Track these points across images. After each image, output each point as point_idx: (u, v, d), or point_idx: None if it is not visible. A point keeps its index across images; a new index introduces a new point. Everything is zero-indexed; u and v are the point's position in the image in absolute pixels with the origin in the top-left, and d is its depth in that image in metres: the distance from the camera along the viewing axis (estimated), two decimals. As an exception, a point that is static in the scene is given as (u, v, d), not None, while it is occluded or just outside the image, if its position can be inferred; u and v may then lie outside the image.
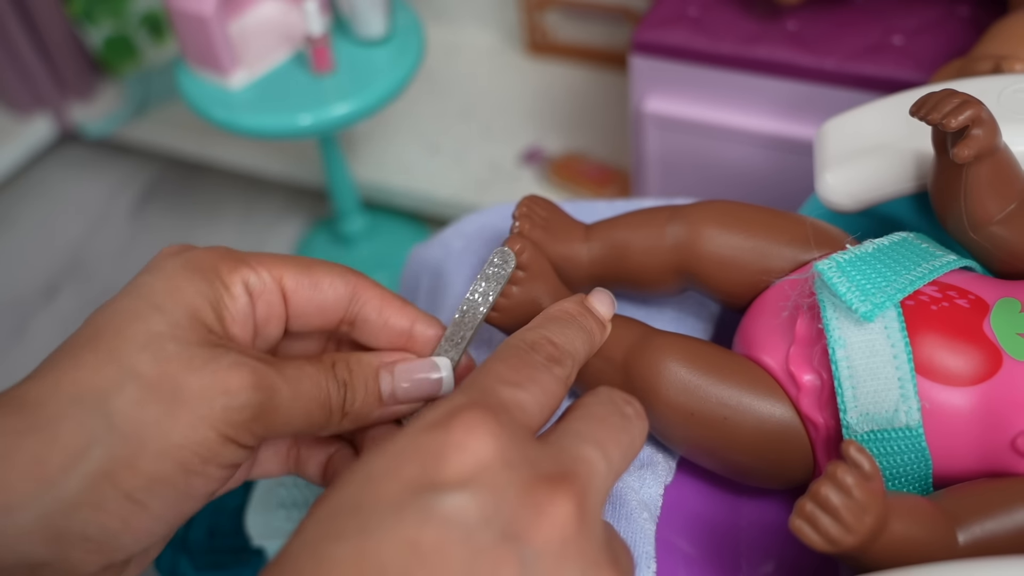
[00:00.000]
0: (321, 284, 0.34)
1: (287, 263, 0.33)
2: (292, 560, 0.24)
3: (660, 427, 0.37)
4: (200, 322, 0.30)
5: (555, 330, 0.31)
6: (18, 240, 1.43)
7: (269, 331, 0.33)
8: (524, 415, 0.27)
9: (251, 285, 0.32)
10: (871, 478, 0.28)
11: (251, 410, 0.29)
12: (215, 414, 0.28)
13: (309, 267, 0.34)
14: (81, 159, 1.54)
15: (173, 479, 0.28)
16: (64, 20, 1.39)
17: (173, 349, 0.29)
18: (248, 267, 0.32)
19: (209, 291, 0.31)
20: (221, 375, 0.29)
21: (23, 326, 1.30)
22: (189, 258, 0.31)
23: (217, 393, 0.28)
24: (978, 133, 0.32)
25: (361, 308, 0.35)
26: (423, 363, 0.35)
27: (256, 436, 0.30)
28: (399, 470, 0.24)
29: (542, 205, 0.41)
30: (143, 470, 0.28)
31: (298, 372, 0.31)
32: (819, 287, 0.35)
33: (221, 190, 1.46)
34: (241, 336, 0.32)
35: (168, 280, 0.30)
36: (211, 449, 0.28)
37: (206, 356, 0.29)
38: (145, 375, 0.28)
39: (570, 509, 0.24)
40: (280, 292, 0.33)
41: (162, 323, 0.29)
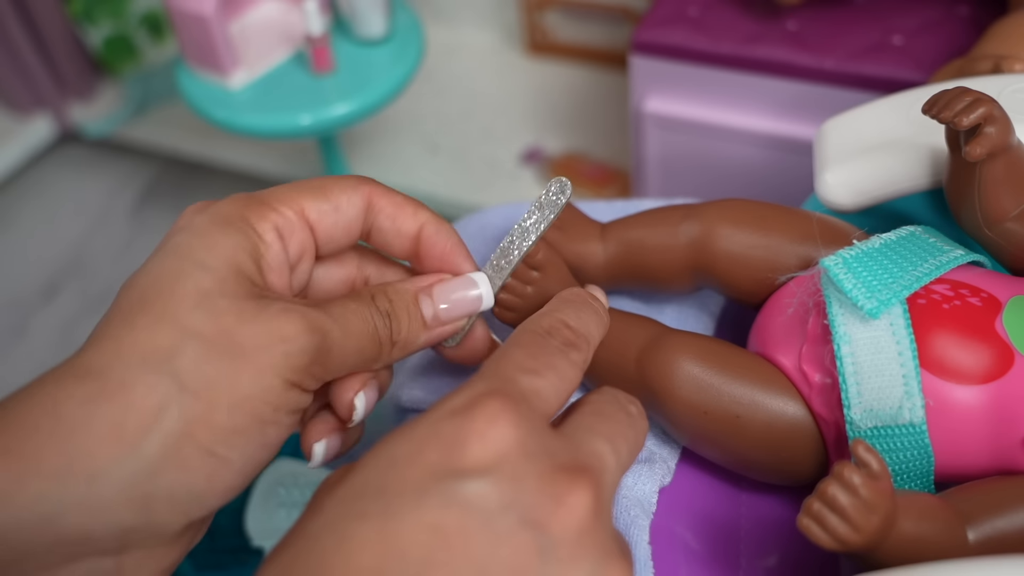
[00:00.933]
0: (340, 204, 0.34)
1: (304, 193, 0.33)
2: (313, 537, 0.24)
3: (673, 423, 0.37)
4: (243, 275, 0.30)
5: (570, 313, 0.32)
6: (18, 240, 1.43)
7: (302, 267, 0.34)
8: (542, 402, 0.27)
9: (281, 228, 0.32)
10: (879, 477, 0.28)
11: (309, 354, 0.29)
12: (277, 362, 0.28)
13: (325, 190, 0.34)
14: (81, 159, 1.54)
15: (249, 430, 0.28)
16: (64, 20, 1.39)
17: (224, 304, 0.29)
18: (274, 210, 0.32)
19: (246, 242, 0.31)
20: (274, 324, 0.29)
21: (23, 326, 1.30)
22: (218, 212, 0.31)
23: (275, 341, 0.29)
24: (991, 131, 0.32)
25: (376, 217, 0.35)
26: (460, 281, 0.35)
27: (317, 379, 0.30)
28: (422, 455, 0.25)
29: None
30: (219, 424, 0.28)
31: (343, 310, 0.31)
32: (825, 283, 0.35)
33: (221, 190, 1.46)
34: (278, 282, 0.32)
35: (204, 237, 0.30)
36: (279, 396, 0.29)
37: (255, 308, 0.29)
38: (203, 332, 0.28)
39: (588, 500, 0.25)
40: (307, 226, 0.33)
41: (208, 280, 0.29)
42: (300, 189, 0.33)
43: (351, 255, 0.37)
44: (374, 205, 0.35)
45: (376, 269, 0.37)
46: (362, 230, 0.35)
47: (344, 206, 0.34)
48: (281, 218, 0.32)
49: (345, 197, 0.34)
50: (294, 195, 0.33)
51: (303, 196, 0.33)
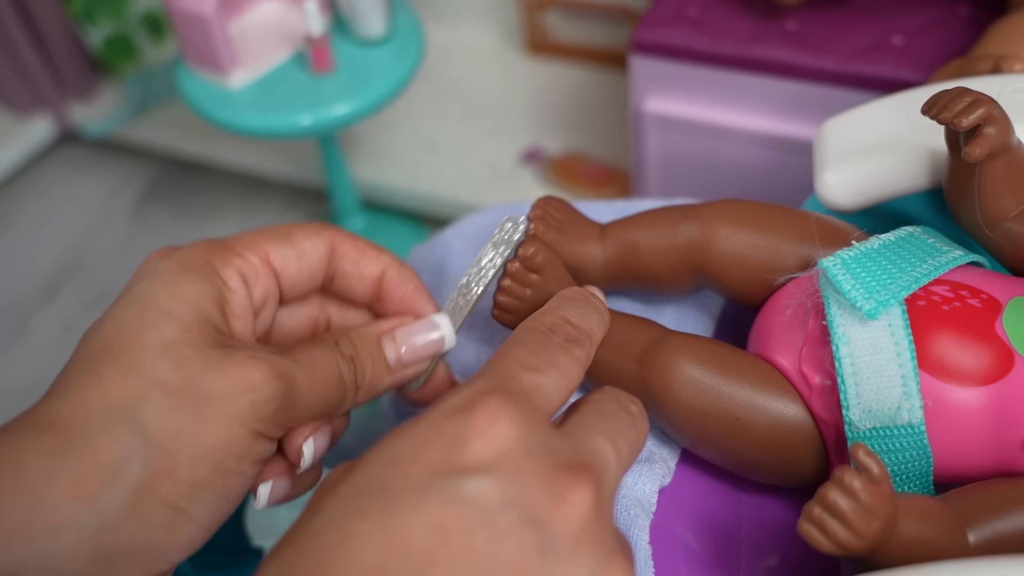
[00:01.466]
0: (304, 250, 0.34)
1: (268, 239, 0.33)
2: (315, 534, 0.24)
3: (673, 425, 0.37)
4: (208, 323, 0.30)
5: (572, 311, 0.32)
6: (18, 240, 1.43)
7: (266, 312, 0.34)
8: (543, 400, 0.27)
9: (246, 274, 0.32)
10: (879, 482, 0.28)
11: (275, 402, 0.29)
12: (243, 411, 0.28)
13: (289, 235, 0.34)
14: (81, 159, 1.54)
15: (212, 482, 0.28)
16: (64, 20, 1.39)
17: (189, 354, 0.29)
18: (239, 256, 0.32)
19: (211, 289, 0.31)
20: (240, 372, 0.29)
21: (23, 326, 1.30)
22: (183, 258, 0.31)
23: (241, 390, 0.29)
24: (990, 132, 0.32)
25: (339, 262, 0.35)
26: (421, 324, 0.35)
27: (282, 426, 0.30)
28: (423, 453, 0.25)
29: (556, 206, 0.41)
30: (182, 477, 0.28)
31: (308, 357, 0.31)
32: (824, 284, 0.35)
33: (221, 190, 1.46)
34: (243, 328, 0.32)
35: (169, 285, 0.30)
36: (243, 446, 0.29)
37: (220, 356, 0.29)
38: (168, 383, 0.28)
39: (589, 498, 0.25)
40: (271, 271, 0.33)
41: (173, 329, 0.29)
42: (264, 235, 0.33)
43: (313, 296, 0.37)
44: (337, 250, 0.35)
45: (338, 310, 0.37)
46: (326, 275, 0.35)
47: (308, 251, 0.34)
48: (246, 264, 0.32)
49: (309, 242, 0.34)
50: (259, 241, 0.33)
51: (268, 242, 0.33)
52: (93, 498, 0.27)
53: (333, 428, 0.34)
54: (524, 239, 0.37)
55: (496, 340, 0.45)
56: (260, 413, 0.29)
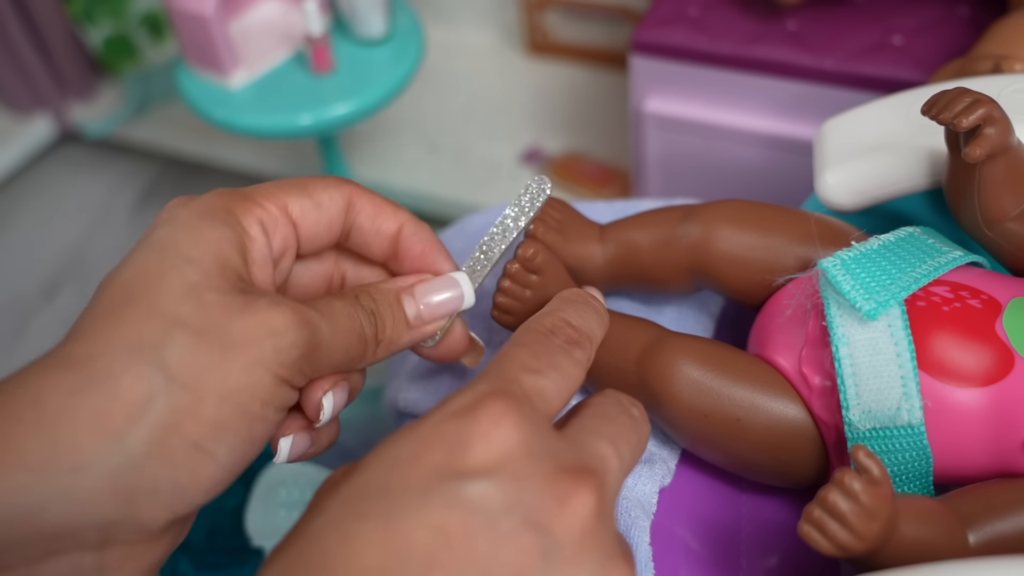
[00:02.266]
0: (322, 202, 0.34)
1: (288, 190, 0.33)
2: (316, 537, 0.24)
3: (673, 426, 0.37)
4: (229, 268, 0.30)
5: (572, 312, 0.32)
6: (18, 240, 1.43)
7: (284, 263, 0.34)
8: (545, 403, 0.27)
9: (265, 223, 0.32)
10: (879, 483, 0.28)
11: (299, 348, 0.29)
12: (267, 355, 0.28)
13: (307, 187, 0.34)
14: (81, 159, 1.54)
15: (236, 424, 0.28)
16: (64, 20, 1.39)
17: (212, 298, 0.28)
18: (258, 205, 0.32)
19: (231, 235, 0.31)
20: (264, 317, 0.29)
21: (23, 326, 1.31)
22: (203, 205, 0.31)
23: (264, 335, 0.28)
24: (990, 132, 0.32)
25: (356, 216, 0.35)
26: (441, 280, 0.35)
27: (305, 375, 0.30)
28: (425, 456, 0.25)
29: (556, 207, 0.41)
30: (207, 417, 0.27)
31: (330, 307, 0.31)
32: (823, 285, 0.35)
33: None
34: (262, 277, 0.32)
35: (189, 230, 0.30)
36: (268, 391, 0.28)
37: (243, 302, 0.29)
38: (192, 324, 0.28)
39: (591, 501, 0.25)
40: (290, 222, 0.33)
41: (195, 273, 0.29)
42: (283, 186, 0.33)
43: (329, 252, 0.37)
44: (355, 204, 0.35)
45: (353, 267, 0.37)
46: (342, 229, 0.35)
47: (326, 203, 0.34)
48: (265, 213, 0.32)
49: (327, 195, 0.34)
50: (277, 192, 0.33)
51: (286, 193, 0.33)
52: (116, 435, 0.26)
53: (351, 384, 0.34)
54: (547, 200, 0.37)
55: (496, 340, 0.45)
56: (283, 358, 0.29)
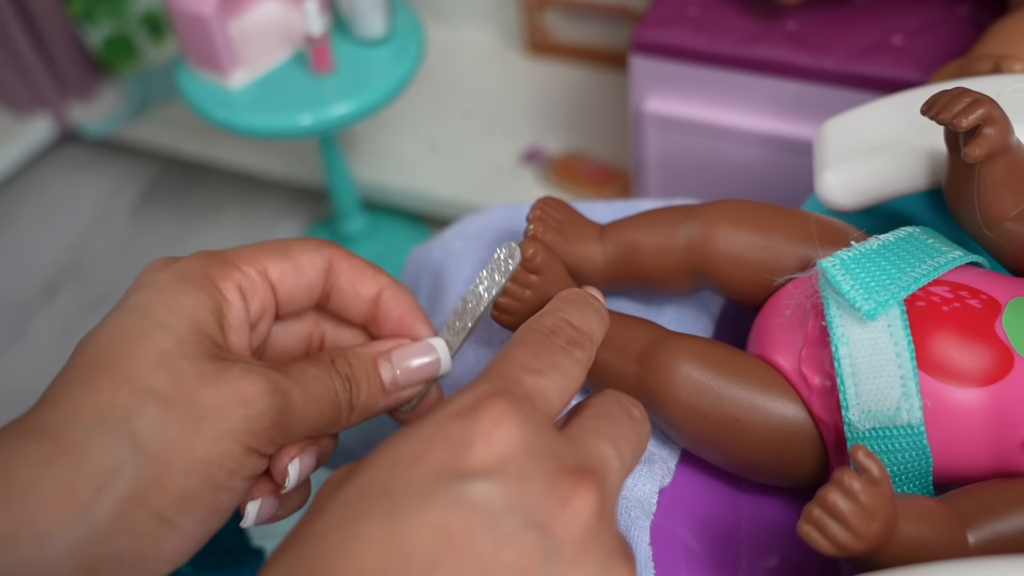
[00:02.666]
0: (302, 265, 0.34)
1: (267, 253, 0.33)
2: (318, 537, 0.24)
3: (673, 426, 0.37)
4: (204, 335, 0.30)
5: (573, 312, 0.32)
6: (18, 240, 1.43)
7: (262, 326, 0.34)
8: (546, 403, 0.28)
9: (243, 287, 0.32)
10: (879, 483, 0.28)
11: (270, 417, 0.29)
12: (237, 425, 0.28)
13: (287, 250, 0.34)
14: (81, 159, 1.54)
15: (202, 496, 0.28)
16: (64, 20, 1.39)
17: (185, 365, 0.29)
18: (237, 269, 0.32)
19: (208, 301, 0.31)
20: (235, 385, 0.29)
21: (23, 326, 1.30)
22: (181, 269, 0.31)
23: (235, 404, 0.28)
24: (990, 132, 0.32)
25: (336, 279, 0.35)
26: (419, 346, 0.35)
27: (275, 443, 0.30)
28: (427, 456, 0.25)
29: (556, 207, 0.41)
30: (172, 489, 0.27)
31: (303, 373, 0.31)
32: (823, 284, 0.35)
33: (221, 190, 1.46)
34: (238, 342, 0.32)
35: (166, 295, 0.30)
36: (236, 461, 0.29)
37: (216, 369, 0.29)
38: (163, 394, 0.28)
39: (593, 502, 0.25)
40: (268, 285, 0.33)
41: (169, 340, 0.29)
42: (263, 249, 0.33)
43: (309, 312, 0.37)
44: (335, 267, 0.35)
45: (333, 328, 0.37)
46: (322, 292, 0.35)
47: (306, 267, 0.34)
48: (244, 277, 0.32)
49: (307, 258, 0.34)
50: (257, 255, 0.33)
51: (266, 256, 0.33)
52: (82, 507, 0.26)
53: (320, 449, 0.34)
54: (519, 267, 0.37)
55: (495, 341, 0.45)
56: (254, 428, 0.29)
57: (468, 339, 0.36)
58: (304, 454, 0.33)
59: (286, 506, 0.34)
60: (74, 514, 0.26)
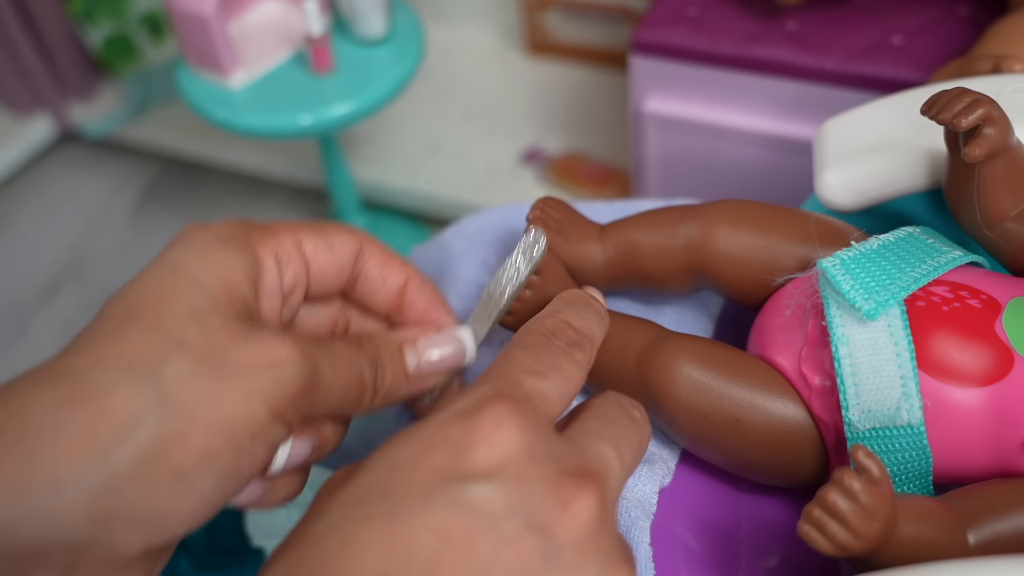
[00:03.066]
0: (335, 243, 0.34)
1: (303, 228, 0.33)
2: (318, 539, 0.24)
3: (673, 426, 0.37)
4: (237, 296, 0.29)
5: (573, 314, 0.32)
6: (18, 240, 1.43)
7: (294, 299, 0.33)
8: (547, 405, 0.27)
9: (279, 255, 0.32)
10: (879, 483, 0.28)
11: (299, 383, 0.28)
12: (265, 387, 0.28)
13: (322, 229, 0.34)
14: (81, 159, 1.54)
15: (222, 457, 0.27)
16: (64, 20, 1.39)
17: (217, 322, 0.28)
18: (274, 237, 0.32)
19: (245, 263, 0.30)
20: (267, 347, 0.28)
21: (23, 326, 1.31)
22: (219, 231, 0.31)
23: (265, 365, 0.28)
24: (990, 132, 0.32)
25: (365, 264, 0.35)
26: (445, 335, 0.35)
27: (300, 412, 0.29)
28: (427, 458, 0.25)
29: (556, 207, 0.41)
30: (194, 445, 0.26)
31: (334, 348, 0.31)
32: (823, 284, 0.35)
33: (221, 190, 1.46)
34: (271, 309, 0.32)
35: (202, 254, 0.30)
36: (260, 424, 0.28)
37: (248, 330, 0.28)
38: (194, 347, 0.27)
39: (594, 505, 0.25)
40: (303, 258, 0.33)
41: (202, 296, 0.28)
42: (298, 224, 0.33)
43: (335, 298, 0.36)
44: (365, 251, 0.35)
45: (357, 316, 0.37)
46: (351, 275, 0.35)
47: (338, 246, 0.34)
48: (280, 246, 0.32)
49: (340, 239, 0.34)
50: (293, 228, 0.33)
51: (302, 230, 0.33)
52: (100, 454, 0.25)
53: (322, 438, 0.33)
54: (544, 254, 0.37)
55: (494, 342, 0.45)
56: (282, 392, 0.28)
57: (494, 329, 0.36)
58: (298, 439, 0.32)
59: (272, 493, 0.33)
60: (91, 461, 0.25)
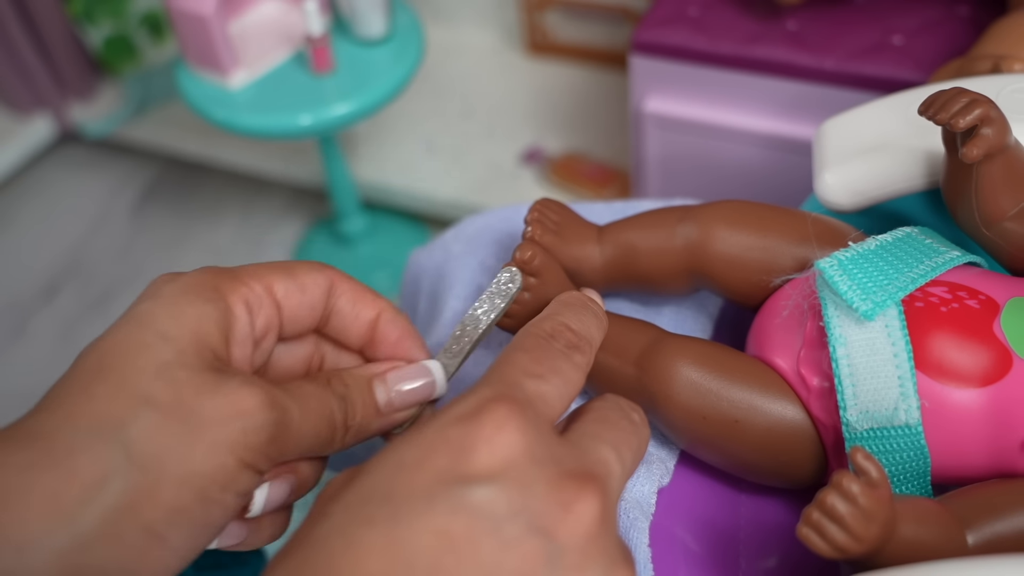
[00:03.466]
0: (306, 284, 0.34)
1: (273, 271, 0.33)
2: (320, 542, 0.24)
3: (672, 428, 0.37)
4: (206, 346, 0.30)
5: (571, 316, 0.32)
6: (18, 240, 1.43)
7: (266, 344, 0.33)
8: (547, 407, 0.28)
9: (250, 302, 0.32)
10: (878, 485, 0.28)
11: (267, 431, 0.29)
12: (233, 438, 0.28)
13: (291, 270, 0.34)
14: (81, 159, 1.54)
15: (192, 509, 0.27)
16: (64, 20, 1.39)
17: (184, 376, 0.28)
18: (244, 284, 0.32)
19: (214, 313, 0.30)
20: (234, 397, 0.28)
21: (23, 326, 1.31)
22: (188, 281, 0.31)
23: (232, 416, 0.28)
24: (987, 132, 0.32)
25: (336, 300, 0.35)
26: (414, 368, 0.35)
27: (270, 460, 0.30)
28: (429, 461, 0.25)
29: (554, 209, 0.41)
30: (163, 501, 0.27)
31: (301, 390, 0.31)
32: (820, 285, 0.35)
33: (221, 190, 1.46)
34: (241, 357, 0.32)
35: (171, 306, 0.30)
36: (229, 475, 0.28)
37: (215, 381, 0.29)
38: (160, 402, 0.28)
39: (595, 507, 0.25)
40: (274, 302, 0.33)
41: (169, 351, 0.29)
42: (269, 268, 0.33)
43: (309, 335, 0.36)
44: (336, 288, 0.35)
45: (332, 352, 0.37)
46: (324, 313, 0.35)
47: (310, 286, 0.34)
48: (251, 292, 0.32)
49: (311, 278, 0.34)
50: (263, 272, 0.33)
51: (272, 274, 0.33)
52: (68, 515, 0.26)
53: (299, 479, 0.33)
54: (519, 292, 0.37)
55: (493, 344, 0.45)
56: (251, 441, 0.28)
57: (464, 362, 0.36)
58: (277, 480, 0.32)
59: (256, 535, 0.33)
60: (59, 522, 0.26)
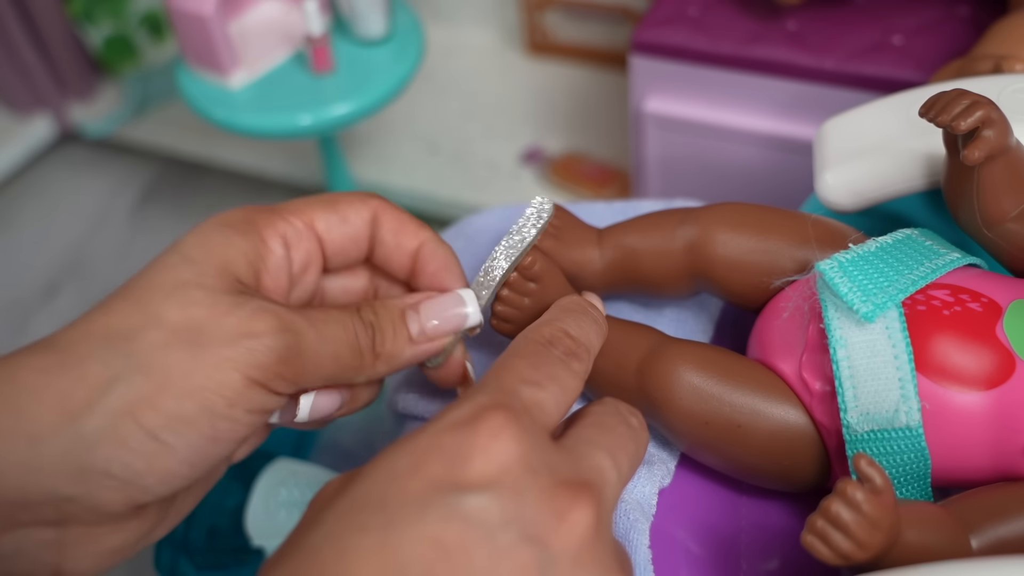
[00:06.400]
0: (348, 216, 0.34)
1: (314, 205, 0.34)
2: (314, 549, 0.24)
3: (673, 432, 0.37)
4: (229, 272, 0.31)
5: (570, 322, 0.32)
6: (18, 240, 1.43)
7: (308, 277, 0.34)
8: (543, 415, 0.27)
9: (287, 236, 0.33)
10: (881, 492, 0.28)
11: (276, 352, 0.29)
12: (239, 356, 0.29)
13: (334, 203, 0.35)
14: (81, 159, 1.54)
15: (197, 420, 0.29)
16: (64, 20, 1.39)
17: (199, 296, 0.29)
18: (282, 219, 0.33)
19: (243, 243, 0.32)
20: (245, 319, 0.29)
21: (23, 326, 1.30)
22: (224, 216, 0.33)
23: (240, 336, 0.29)
24: (988, 134, 0.32)
25: (379, 230, 0.35)
26: (448, 297, 0.35)
27: (287, 381, 0.30)
28: (424, 468, 0.25)
29: (553, 212, 0.41)
30: (164, 409, 0.28)
31: (324, 316, 0.32)
32: (821, 287, 0.35)
33: (221, 190, 1.46)
34: (274, 288, 0.33)
35: (201, 235, 0.32)
36: (236, 391, 0.29)
37: (232, 303, 0.30)
38: (170, 320, 0.29)
39: (590, 516, 0.25)
40: (315, 236, 0.34)
41: (189, 272, 0.30)
42: (311, 202, 0.34)
43: (363, 269, 0.37)
44: (379, 219, 0.35)
45: (386, 284, 0.37)
46: (369, 244, 0.35)
47: (352, 218, 0.34)
48: (289, 227, 0.33)
49: (353, 210, 0.34)
50: (304, 206, 0.34)
51: (313, 208, 0.34)
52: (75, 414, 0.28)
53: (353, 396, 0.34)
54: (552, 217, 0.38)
55: (493, 345, 0.45)
56: (258, 361, 0.29)
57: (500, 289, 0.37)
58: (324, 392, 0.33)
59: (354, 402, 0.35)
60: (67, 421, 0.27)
